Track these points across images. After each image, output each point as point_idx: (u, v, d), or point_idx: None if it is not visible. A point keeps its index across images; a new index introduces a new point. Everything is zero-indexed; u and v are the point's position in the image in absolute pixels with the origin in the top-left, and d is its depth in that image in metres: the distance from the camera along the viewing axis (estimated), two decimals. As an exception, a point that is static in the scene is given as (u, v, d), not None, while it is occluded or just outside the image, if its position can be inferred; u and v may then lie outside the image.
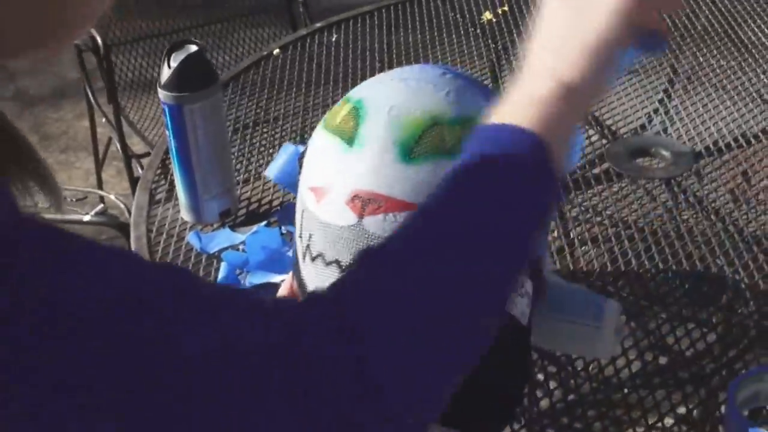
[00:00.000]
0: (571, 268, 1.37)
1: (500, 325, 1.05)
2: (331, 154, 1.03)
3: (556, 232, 1.42)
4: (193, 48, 1.38)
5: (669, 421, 1.14)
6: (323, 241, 1.02)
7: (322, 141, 1.06)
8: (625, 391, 1.18)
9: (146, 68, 2.87)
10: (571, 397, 1.18)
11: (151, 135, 2.62)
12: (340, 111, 1.06)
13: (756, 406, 1.12)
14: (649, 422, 1.14)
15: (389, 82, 1.07)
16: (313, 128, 1.68)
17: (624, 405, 1.16)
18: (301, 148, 1.47)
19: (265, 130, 1.73)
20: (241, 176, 1.59)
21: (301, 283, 1.07)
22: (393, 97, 1.04)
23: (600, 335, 1.12)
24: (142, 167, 2.54)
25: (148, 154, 2.50)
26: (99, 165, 2.99)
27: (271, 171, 1.50)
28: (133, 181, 2.55)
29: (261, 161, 1.63)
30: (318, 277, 1.04)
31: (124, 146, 2.47)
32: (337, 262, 1.01)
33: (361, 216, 1.00)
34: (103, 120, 2.67)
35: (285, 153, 1.51)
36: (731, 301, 1.32)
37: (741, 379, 1.09)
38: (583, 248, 1.39)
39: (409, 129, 1.01)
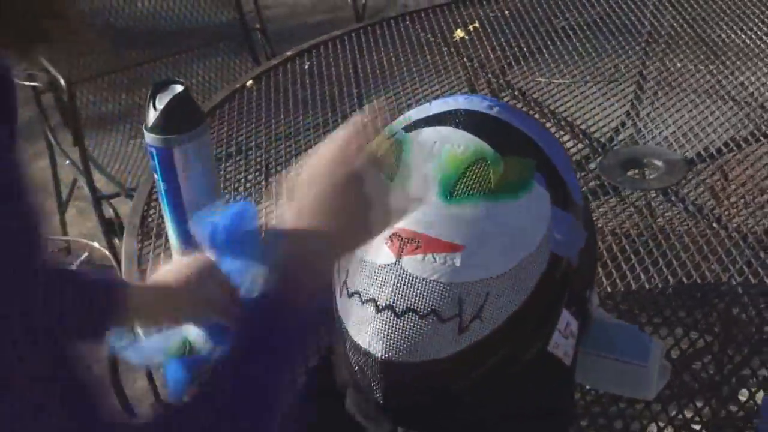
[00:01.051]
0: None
1: (544, 367, 1.03)
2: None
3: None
4: (179, 88, 1.33)
5: (677, 427, 1.13)
6: (360, 279, 0.99)
7: None
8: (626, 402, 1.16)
9: (104, 104, 2.81)
10: (575, 409, 1.15)
11: (112, 171, 2.56)
12: (380, 143, 1.03)
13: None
14: (658, 429, 1.13)
15: (430, 114, 1.04)
16: (293, 155, 1.66)
17: (626, 416, 1.14)
18: None
19: (237, 159, 1.70)
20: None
21: (338, 319, 1.04)
22: (438, 130, 1.02)
23: (645, 374, 1.11)
24: (112, 207, 2.48)
25: (117, 195, 2.45)
26: (63, 207, 2.92)
27: None
28: (104, 222, 2.48)
29: (243, 193, 1.60)
30: (355, 315, 1.01)
31: (93, 187, 2.41)
32: (374, 300, 0.98)
33: (399, 255, 0.97)
34: (66, 161, 2.60)
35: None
36: (729, 304, 1.31)
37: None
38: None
39: (452, 165, 0.99)
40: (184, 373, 1.20)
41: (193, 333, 1.27)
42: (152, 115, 1.33)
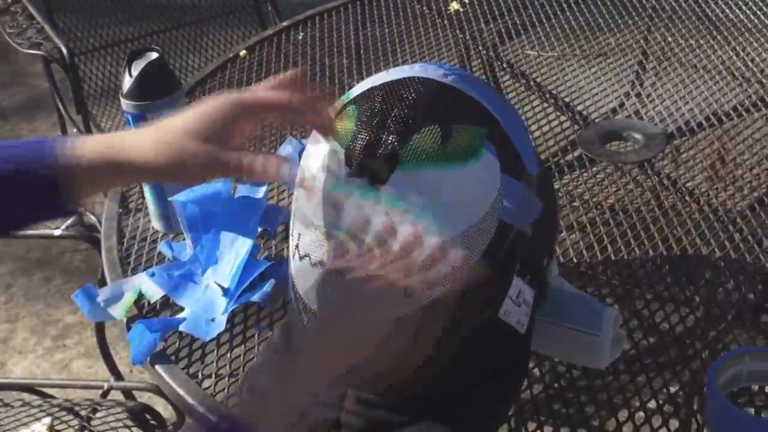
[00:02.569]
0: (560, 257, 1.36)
1: (496, 334, 1.05)
2: (324, 154, 1.02)
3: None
4: (154, 55, 1.36)
5: (654, 403, 1.13)
6: (310, 242, 1.01)
7: (317, 139, 1.04)
8: (614, 373, 1.17)
9: (115, 75, 2.84)
10: (559, 383, 1.17)
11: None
12: (337, 109, 1.05)
13: (738, 388, 1.12)
14: (636, 405, 1.13)
15: (382, 75, 1.06)
16: (288, 128, 1.68)
17: (611, 389, 1.15)
18: (304, 142, 1.46)
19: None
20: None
21: (291, 282, 1.06)
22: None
23: (598, 343, 1.12)
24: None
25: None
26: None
27: None
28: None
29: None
30: (305, 277, 1.03)
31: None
32: (322, 263, 1.00)
33: None
34: (74, 130, 2.64)
35: (286, 147, 1.49)
36: (711, 280, 1.31)
37: (721, 362, 1.08)
38: (561, 235, 1.38)
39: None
40: (150, 336, 1.23)
41: (146, 285, 1.30)
42: (127, 82, 1.35)
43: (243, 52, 1.94)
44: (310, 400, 1.00)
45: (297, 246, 1.05)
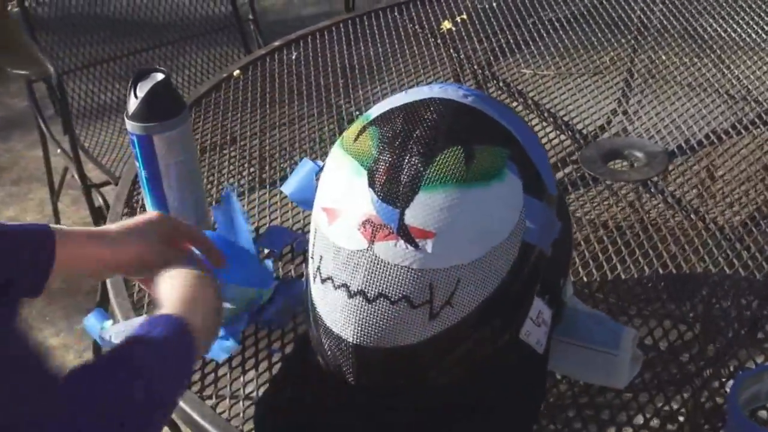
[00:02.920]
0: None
1: (516, 354, 1.04)
2: (345, 176, 1.01)
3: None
4: (160, 76, 1.34)
5: (649, 418, 1.13)
6: (333, 264, 1.00)
7: (337, 161, 1.03)
8: (603, 391, 1.17)
9: (97, 94, 2.82)
10: (550, 399, 1.16)
11: (106, 161, 2.57)
12: (356, 131, 1.04)
13: (756, 406, 1.12)
14: (635, 423, 1.13)
15: (402, 96, 1.05)
16: (279, 147, 1.68)
17: (603, 405, 1.15)
18: (320, 164, 1.45)
19: (231, 150, 1.71)
20: (213, 198, 1.55)
21: (312, 304, 1.05)
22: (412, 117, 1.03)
23: (616, 363, 1.11)
24: (102, 196, 2.49)
25: (107, 183, 2.46)
26: (55, 196, 2.93)
27: (288, 187, 1.48)
28: (94, 211, 2.49)
29: (226, 183, 1.60)
30: (327, 301, 1.02)
31: (83, 176, 2.42)
32: (346, 286, 0.99)
33: (372, 241, 0.98)
34: (58, 150, 2.61)
35: (302, 169, 1.49)
36: (707, 296, 1.32)
37: (741, 380, 1.08)
38: (578, 254, 1.38)
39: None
40: None
41: None
42: (133, 103, 1.34)
43: (236, 72, 1.93)
44: None
45: (318, 269, 1.04)
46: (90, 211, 2.52)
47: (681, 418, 1.14)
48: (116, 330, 1.29)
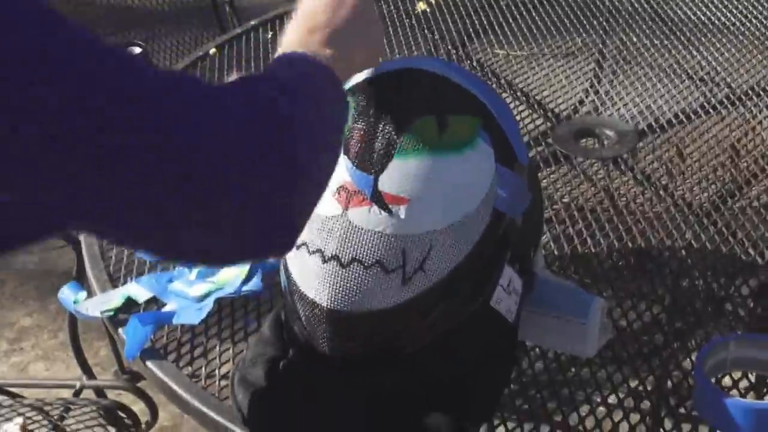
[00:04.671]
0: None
1: (487, 322, 1.06)
2: None
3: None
4: (137, 50, 1.36)
5: (621, 395, 1.15)
6: (308, 230, 1.02)
7: None
8: (576, 368, 1.19)
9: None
10: (523, 378, 1.18)
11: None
12: None
13: (722, 374, 1.15)
14: (602, 398, 1.15)
15: (380, 73, 1.07)
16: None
17: (576, 382, 1.17)
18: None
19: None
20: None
21: (286, 271, 1.06)
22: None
23: (585, 332, 1.14)
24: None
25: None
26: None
27: None
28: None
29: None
30: (302, 267, 1.03)
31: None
32: (320, 251, 1.01)
33: (346, 207, 1.00)
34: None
35: None
36: (675, 272, 1.34)
37: (708, 349, 1.11)
38: (549, 229, 1.40)
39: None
40: (143, 329, 1.22)
41: (133, 289, 1.30)
42: (110, 76, 1.34)
43: (213, 51, 1.94)
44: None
45: (293, 236, 1.05)
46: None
47: (648, 387, 1.16)
48: (91, 303, 1.30)
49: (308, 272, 1.03)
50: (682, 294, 1.31)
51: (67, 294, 1.31)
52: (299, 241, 1.04)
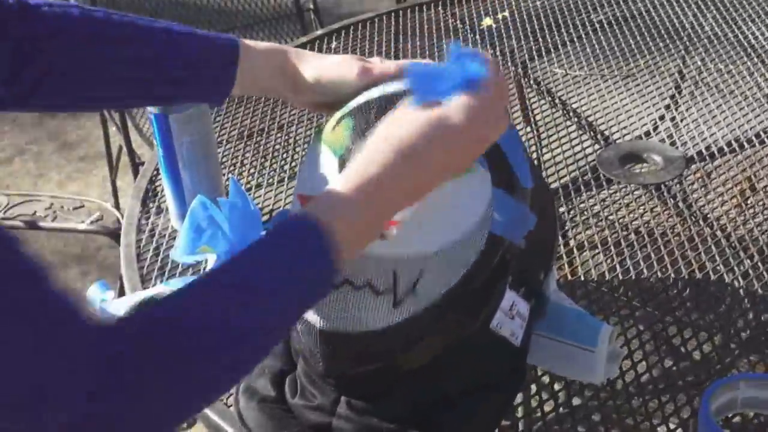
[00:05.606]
0: (568, 275, 1.36)
1: (487, 346, 1.06)
2: (320, 164, 1.04)
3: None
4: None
5: (671, 426, 1.13)
6: None
7: (315, 150, 1.06)
8: (627, 397, 1.17)
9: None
10: (574, 401, 1.17)
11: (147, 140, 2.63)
12: (335, 121, 1.06)
13: (732, 414, 1.12)
14: (653, 427, 1.13)
15: (380, 89, 1.06)
16: (303, 141, 1.71)
17: (627, 410, 1.16)
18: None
19: (255, 142, 1.74)
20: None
21: None
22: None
23: (593, 359, 1.12)
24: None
25: (142, 163, 2.52)
26: (114, 173, 3.02)
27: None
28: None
29: (247, 175, 1.64)
30: None
31: (132, 154, 2.49)
32: None
33: None
34: (114, 128, 2.69)
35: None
36: (729, 307, 1.31)
37: (715, 387, 1.08)
38: (581, 254, 1.39)
39: None
40: None
41: (160, 291, 1.33)
42: (150, 82, 1.38)
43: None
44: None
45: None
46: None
47: (690, 427, 1.14)
48: (118, 303, 1.33)
49: None
50: (735, 328, 1.28)
51: (95, 292, 1.34)
52: None
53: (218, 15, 3.12)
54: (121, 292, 1.41)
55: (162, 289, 1.34)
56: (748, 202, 1.49)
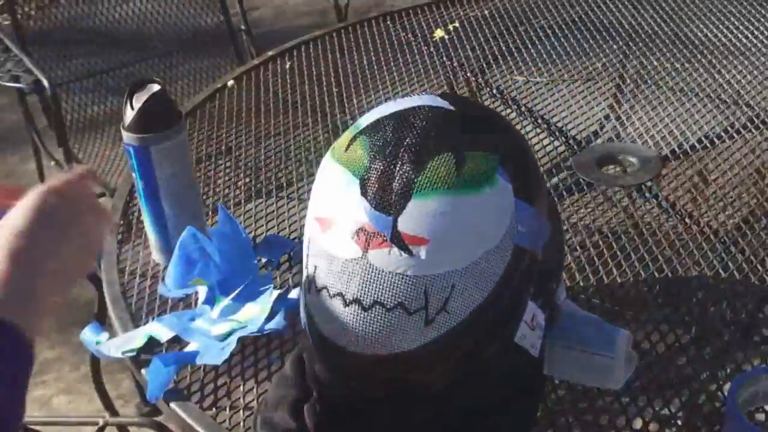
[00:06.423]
0: (566, 281, 1.36)
1: (512, 358, 1.05)
2: (337, 185, 1.02)
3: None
4: (156, 87, 1.35)
5: (653, 426, 1.14)
6: (328, 274, 1.01)
7: (329, 171, 1.04)
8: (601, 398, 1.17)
9: (90, 106, 2.82)
10: (551, 405, 1.17)
11: (99, 173, 2.57)
12: (347, 140, 1.04)
13: (754, 408, 1.13)
14: (634, 428, 1.13)
15: (395, 111, 1.05)
16: (273, 156, 1.68)
17: (607, 411, 1.16)
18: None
19: (226, 160, 1.71)
20: (209, 208, 1.56)
21: (307, 314, 1.05)
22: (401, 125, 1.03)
23: (612, 365, 1.12)
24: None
25: (101, 195, 2.46)
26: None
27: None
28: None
29: (223, 192, 1.61)
30: (323, 310, 1.02)
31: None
32: (341, 295, 1.00)
33: (366, 249, 0.98)
34: (52, 163, 2.62)
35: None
36: (702, 300, 1.32)
37: (740, 381, 1.09)
38: (576, 260, 1.39)
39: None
40: (165, 370, 1.21)
41: (155, 329, 1.29)
42: (129, 114, 1.34)
43: (231, 82, 1.94)
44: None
45: (313, 278, 1.04)
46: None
47: (679, 422, 1.14)
48: (113, 343, 1.29)
49: (330, 316, 1.02)
50: (708, 322, 1.29)
51: (89, 335, 1.30)
52: (319, 284, 1.03)
53: (144, 41, 3.06)
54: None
55: (155, 326, 1.31)
56: (715, 195, 1.51)
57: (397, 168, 1.00)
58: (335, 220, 1.02)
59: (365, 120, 1.07)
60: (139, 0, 2.94)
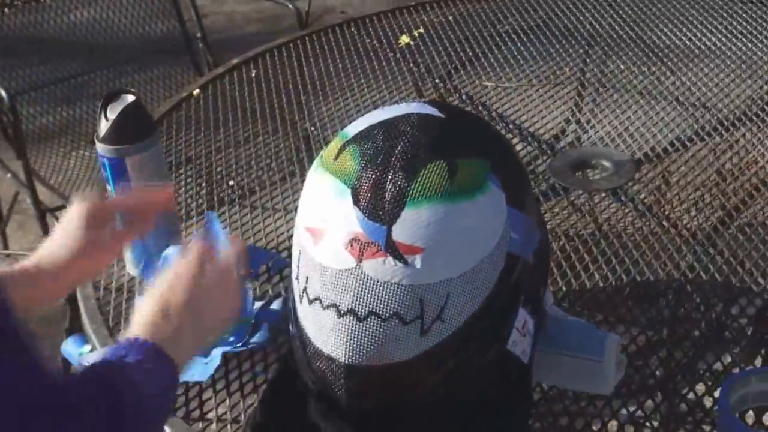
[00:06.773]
0: (550, 287, 1.36)
1: (504, 365, 1.04)
2: (328, 195, 1.00)
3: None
4: (130, 98, 1.33)
5: (629, 429, 1.14)
6: (321, 285, 0.99)
7: (319, 181, 1.02)
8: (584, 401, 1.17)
9: (44, 116, 2.77)
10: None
11: (54, 184, 2.53)
12: (336, 149, 1.03)
13: (744, 409, 1.14)
14: (609, 430, 1.13)
15: (384, 119, 1.04)
16: (235, 165, 1.67)
17: (582, 415, 1.15)
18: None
19: (187, 169, 1.69)
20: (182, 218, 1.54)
21: (299, 326, 1.03)
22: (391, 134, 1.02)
23: (601, 370, 1.12)
24: (57, 220, 2.44)
25: (61, 207, 2.41)
26: (3, 222, 2.88)
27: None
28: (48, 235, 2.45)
29: (185, 202, 1.59)
30: (316, 322, 1.01)
31: (37, 201, 2.38)
32: (335, 306, 0.98)
33: (359, 259, 0.97)
34: (8, 175, 2.56)
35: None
36: (672, 301, 1.33)
37: (730, 383, 1.09)
38: (559, 267, 1.39)
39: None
40: None
41: None
42: (104, 126, 1.32)
43: (196, 92, 1.91)
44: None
45: (305, 290, 1.03)
46: (44, 234, 2.47)
47: (654, 423, 1.14)
48: (96, 356, 1.26)
49: (323, 327, 1.00)
50: (680, 322, 1.29)
51: (71, 348, 1.27)
52: (312, 295, 1.01)
53: (98, 49, 3.02)
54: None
55: None
56: (678, 197, 1.52)
57: (389, 176, 0.99)
58: (327, 230, 1.00)
59: (353, 128, 1.05)
60: (90, 7, 2.90)
